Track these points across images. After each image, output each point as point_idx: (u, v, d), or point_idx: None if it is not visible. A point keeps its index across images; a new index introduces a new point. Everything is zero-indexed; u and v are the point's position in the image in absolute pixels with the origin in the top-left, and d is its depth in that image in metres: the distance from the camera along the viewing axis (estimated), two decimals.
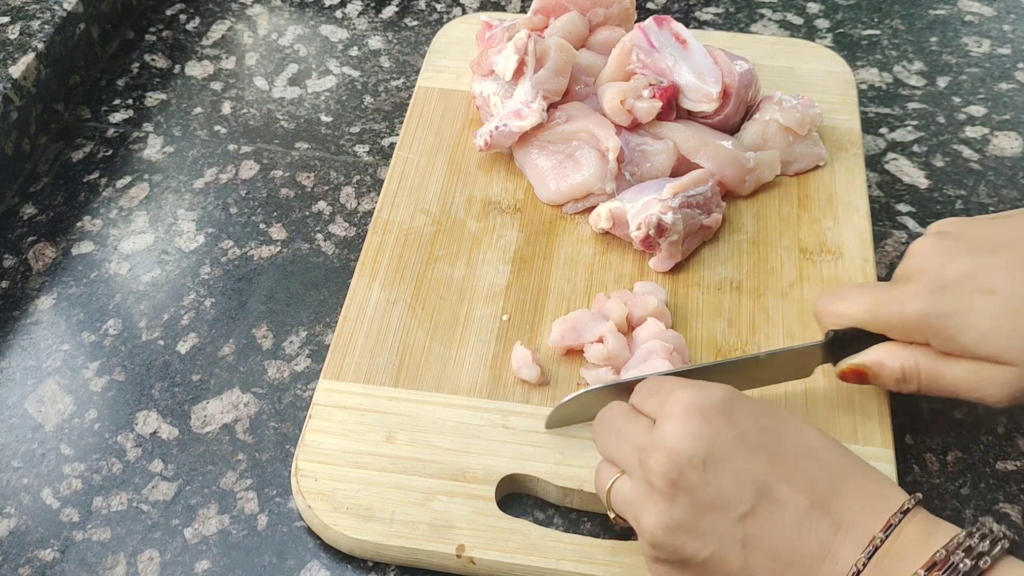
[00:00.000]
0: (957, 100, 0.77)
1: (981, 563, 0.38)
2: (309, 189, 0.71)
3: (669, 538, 0.43)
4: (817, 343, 0.54)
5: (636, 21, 0.70)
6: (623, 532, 0.53)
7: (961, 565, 0.38)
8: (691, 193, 0.62)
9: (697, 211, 0.62)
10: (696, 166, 0.65)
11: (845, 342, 0.53)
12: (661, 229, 0.60)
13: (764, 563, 0.42)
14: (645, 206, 0.61)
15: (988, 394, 0.49)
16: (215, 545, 0.53)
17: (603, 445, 0.48)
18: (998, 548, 0.39)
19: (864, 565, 0.40)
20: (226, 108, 0.77)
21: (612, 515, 0.48)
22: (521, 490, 0.55)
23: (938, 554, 0.39)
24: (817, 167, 0.68)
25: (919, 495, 0.42)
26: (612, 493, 0.47)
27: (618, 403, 0.49)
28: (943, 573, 0.39)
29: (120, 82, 0.79)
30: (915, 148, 0.74)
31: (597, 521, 0.54)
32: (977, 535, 0.40)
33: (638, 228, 0.61)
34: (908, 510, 0.41)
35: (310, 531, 0.54)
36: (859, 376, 0.53)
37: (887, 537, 0.40)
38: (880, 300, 0.51)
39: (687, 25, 0.81)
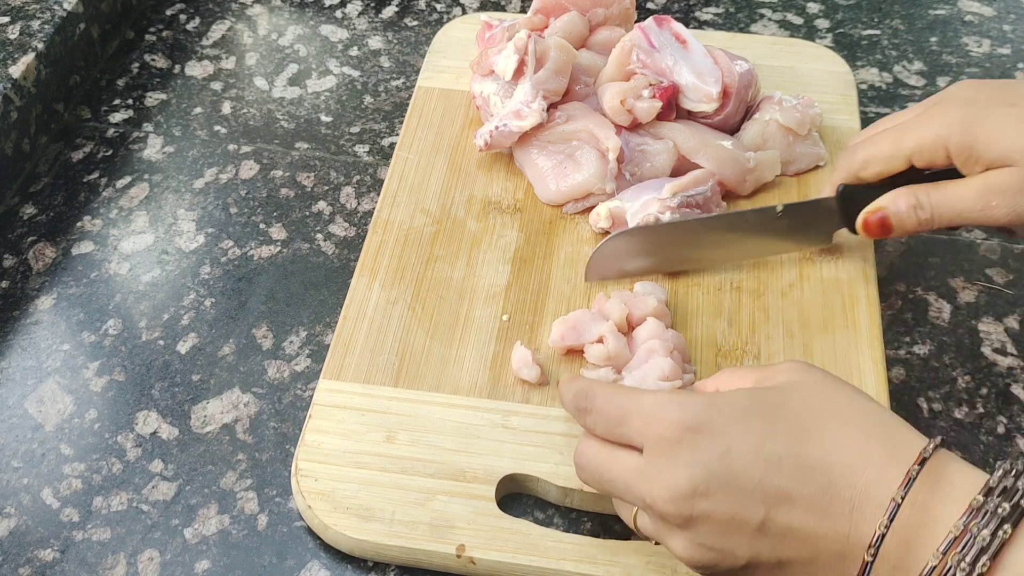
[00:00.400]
0: None
1: (1023, 501, 0.37)
2: (309, 189, 0.71)
3: (704, 557, 0.43)
4: (829, 197, 0.58)
5: (636, 21, 0.70)
6: (623, 532, 0.53)
7: (999, 510, 0.37)
8: (690, 193, 0.62)
9: (697, 211, 0.62)
10: (696, 166, 0.65)
11: (856, 199, 0.57)
12: None
13: (796, 551, 0.41)
14: (644, 206, 0.61)
15: (994, 208, 0.52)
16: (215, 545, 0.53)
17: (599, 488, 0.47)
18: None
19: (887, 528, 0.38)
20: (226, 108, 0.77)
21: (652, 542, 0.48)
22: (521, 490, 0.55)
23: (975, 501, 0.37)
24: (817, 167, 0.68)
25: (939, 439, 0.41)
26: (638, 525, 0.46)
27: (587, 442, 0.47)
28: (982, 520, 0.37)
29: (120, 82, 0.79)
30: None
31: (597, 521, 0.54)
32: (1012, 474, 0.38)
33: None
34: (926, 459, 0.39)
35: (310, 531, 0.54)
36: (882, 222, 0.56)
37: (907, 492, 0.39)
38: (906, 127, 0.55)
39: (687, 25, 0.81)
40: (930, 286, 0.65)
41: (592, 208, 0.65)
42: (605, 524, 0.54)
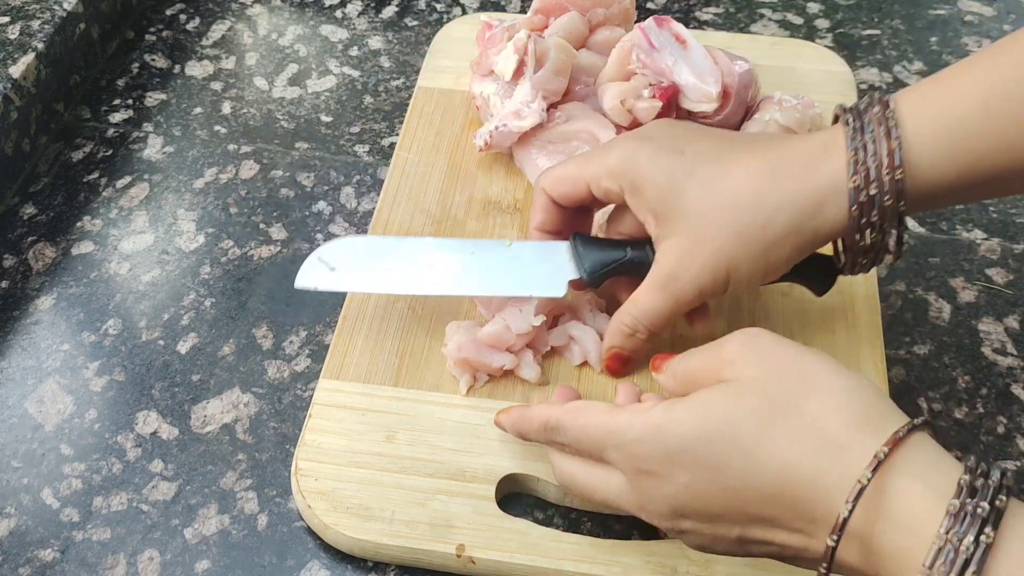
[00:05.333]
0: None
1: (998, 502, 0.36)
2: (309, 189, 0.71)
3: (698, 546, 0.45)
4: (563, 242, 0.57)
5: (636, 21, 0.70)
6: (623, 532, 0.53)
7: (979, 510, 0.35)
8: None
9: None
10: None
11: (591, 248, 0.56)
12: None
13: (778, 550, 0.42)
14: None
15: (682, 290, 0.51)
16: (215, 545, 0.53)
17: (591, 503, 0.48)
18: (1006, 482, 0.37)
19: (850, 512, 0.37)
20: (226, 108, 0.77)
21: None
22: (521, 490, 0.55)
23: (951, 506, 0.36)
24: None
25: (904, 427, 0.39)
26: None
27: (566, 463, 0.48)
28: (961, 528, 0.35)
29: (120, 82, 0.79)
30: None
31: (597, 521, 0.54)
32: (979, 473, 0.37)
33: None
34: (881, 462, 0.37)
35: (310, 531, 0.54)
36: (617, 357, 0.56)
37: (874, 473, 0.37)
38: (596, 152, 0.54)
39: (687, 25, 0.81)
40: (930, 286, 0.65)
41: None
42: (605, 524, 0.54)
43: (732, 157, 0.50)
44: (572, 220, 0.57)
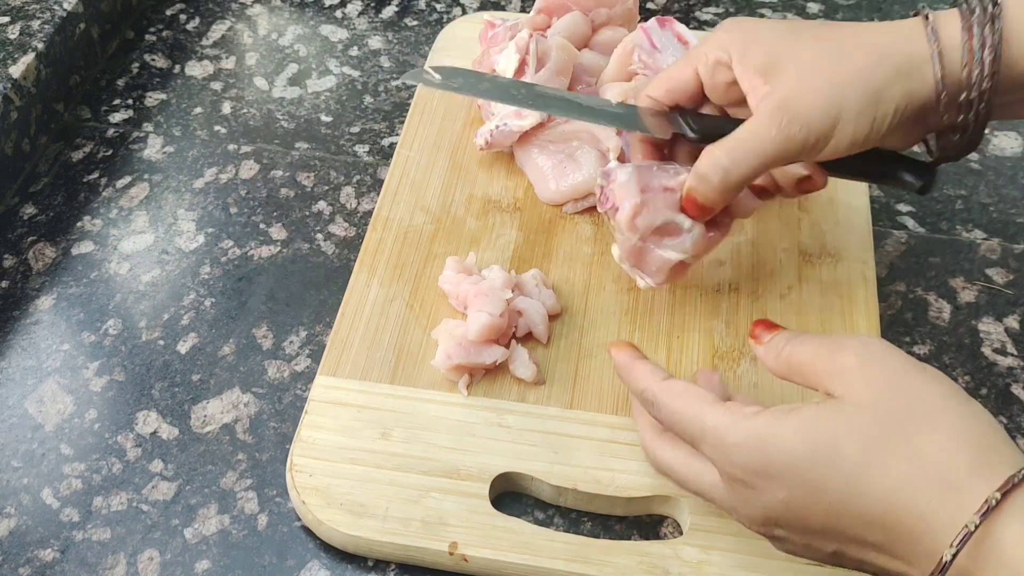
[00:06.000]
0: None
1: None
2: (309, 189, 0.71)
3: (789, 552, 0.45)
4: (663, 107, 0.57)
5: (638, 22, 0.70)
6: (622, 532, 0.53)
7: None
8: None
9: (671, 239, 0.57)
10: None
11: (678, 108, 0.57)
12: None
13: (872, 569, 0.42)
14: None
15: (790, 126, 0.50)
16: (215, 545, 0.54)
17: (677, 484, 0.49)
18: None
19: (954, 556, 0.37)
20: (226, 108, 0.77)
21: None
22: (515, 488, 0.55)
23: None
24: None
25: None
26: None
27: (661, 445, 0.48)
28: None
29: (120, 82, 0.80)
30: (915, 147, 0.74)
31: (597, 521, 0.54)
32: None
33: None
34: (990, 509, 0.37)
35: (310, 531, 0.54)
36: (690, 201, 0.54)
37: (984, 518, 0.37)
38: (686, 53, 0.57)
39: (687, 25, 0.81)
40: (930, 286, 0.65)
41: (591, 208, 0.65)
42: (606, 524, 0.54)
43: (835, 22, 0.52)
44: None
